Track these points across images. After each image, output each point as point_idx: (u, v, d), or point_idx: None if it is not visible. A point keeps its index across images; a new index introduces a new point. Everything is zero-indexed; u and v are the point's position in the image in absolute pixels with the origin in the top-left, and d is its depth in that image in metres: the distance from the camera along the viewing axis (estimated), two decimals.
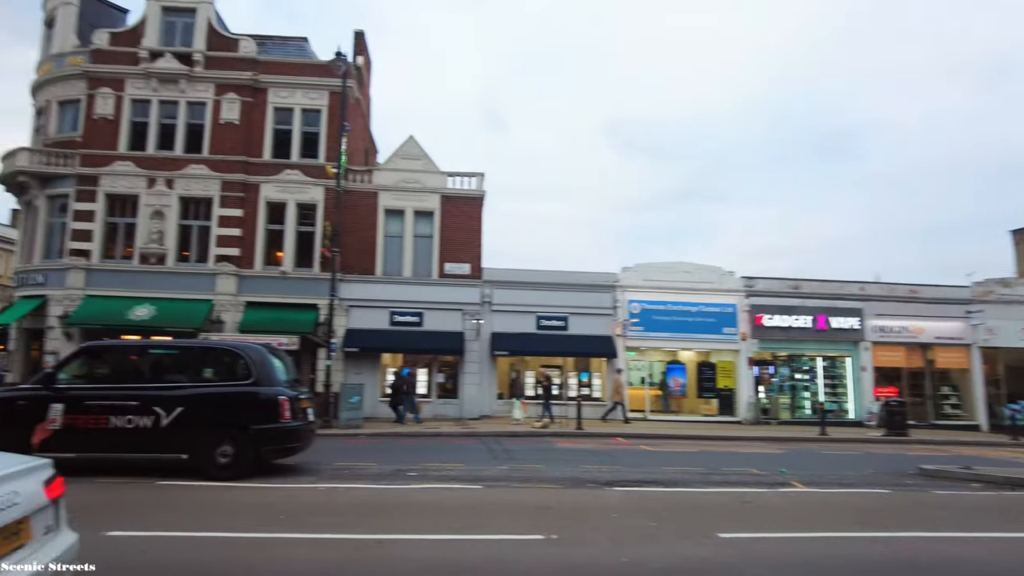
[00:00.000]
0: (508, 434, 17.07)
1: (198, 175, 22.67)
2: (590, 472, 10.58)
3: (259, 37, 25.98)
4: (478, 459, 12.14)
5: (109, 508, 6.90)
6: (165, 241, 22.24)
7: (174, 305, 21.38)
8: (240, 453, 8.88)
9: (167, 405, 8.85)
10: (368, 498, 8.05)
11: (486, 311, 22.83)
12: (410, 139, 24.43)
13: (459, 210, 23.40)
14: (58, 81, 23.61)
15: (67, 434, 8.66)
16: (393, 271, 22.92)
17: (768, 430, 20.42)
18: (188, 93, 23.20)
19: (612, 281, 23.85)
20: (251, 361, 9.38)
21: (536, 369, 23.51)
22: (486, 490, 8.74)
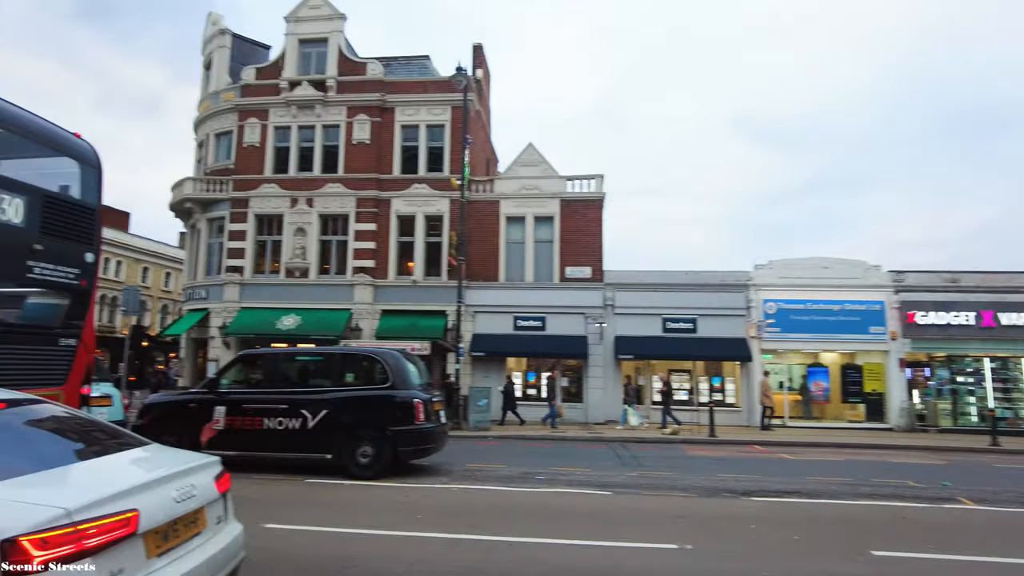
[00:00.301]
0: (636, 440, 16.72)
1: (335, 193, 24.27)
2: (725, 481, 10.12)
3: (384, 59, 27.43)
4: (606, 464, 11.99)
5: (265, 502, 7.51)
6: (307, 256, 24.01)
7: (317, 315, 23.01)
8: (379, 453, 9.37)
9: (313, 408, 9.53)
10: (499, 500, 8.19)
11: (609, 314, 22.56)
12: (529, 146, 24.73)
13: (579, 213, 23.33)
14: (215, 116, 26.27)
15: (228, 434, 9.57)
16: (515, 276, 23.26)
17: (925, 438, 18.51)
18: (323, 117, 24.94)
19: (744, 280, 22.71)
20: (388, 366, 9.88)
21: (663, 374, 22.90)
22: (615, 496, 8.60)
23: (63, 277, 7.32)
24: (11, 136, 7.20)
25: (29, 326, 7.21)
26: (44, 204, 7.15)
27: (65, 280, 7.35)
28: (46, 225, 7.12)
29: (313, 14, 25.73)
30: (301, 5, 25.89)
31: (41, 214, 7.07)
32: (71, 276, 7.43)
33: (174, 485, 3.31)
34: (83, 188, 8.03)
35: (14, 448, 3.33)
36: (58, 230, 7.28)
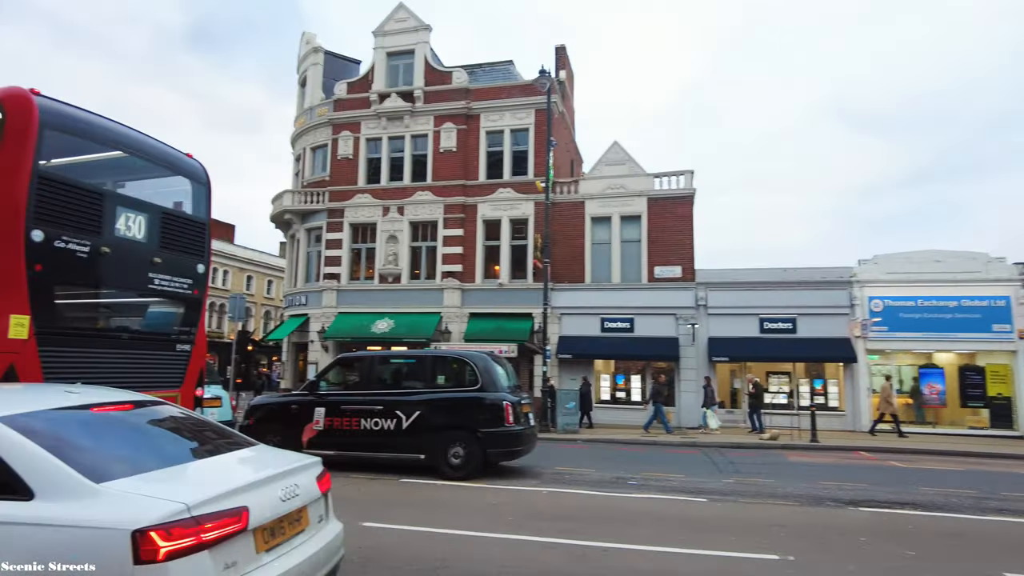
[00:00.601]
0: (732, 445, 16.12)
1: (424, 201, 24.91)
2: (828, 489, 9.57)
3: (469, 66, 27.91)
4: (700, 470, 11.63)
5: (363, 501, 7.79)
6: (399, 262, 24.76)
7: (409, 318, 23.68)
8: (469, 455, 9.52)
9: (406, 409, 9.80)
10: (589, 504, 8.10)
11: (701, 315, 21.89)
12: (614, 145, 24.43)
13: (667, 211, 22.78)
14: (310, 131, 27.61)
15: (327, 434, 10.00)
16: (602, 278, 23.01)
17: None
18: (411, 127, 25.66)
19: (847, 276, 21.40)
20: (477, 368, 10.03)
21: (760, 376, 22.00)
22: (710, 503, 8.32)
23: (178, 287, 7.89)
24: (135, 160, 7.85)
25: (150, 333, 7.83)
26: (162, 220, 7.74)
27: (180, 290, 7.92)
28: (163, 239, 7.70)
29: (399, 27, 26.55)
30: (388, 19, 26.79)
31: (159, 229, 7.67)
32: (185, 286, 8.00)
33: (279, 484, 3.47)
34: (194, 204, 8.64)
35: (141, 445, 3.62)
36: (173, 244, 7.86)
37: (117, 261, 7.07)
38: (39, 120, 6.43)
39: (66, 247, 6.50)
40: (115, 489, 2.92)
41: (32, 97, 6.50)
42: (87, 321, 7.13)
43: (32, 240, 6.17)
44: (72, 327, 6.74)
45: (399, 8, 26.79)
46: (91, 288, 7.04)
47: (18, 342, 6.00)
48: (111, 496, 2.88)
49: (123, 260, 7.16)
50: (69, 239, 6.53)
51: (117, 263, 7.08)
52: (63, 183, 6.59)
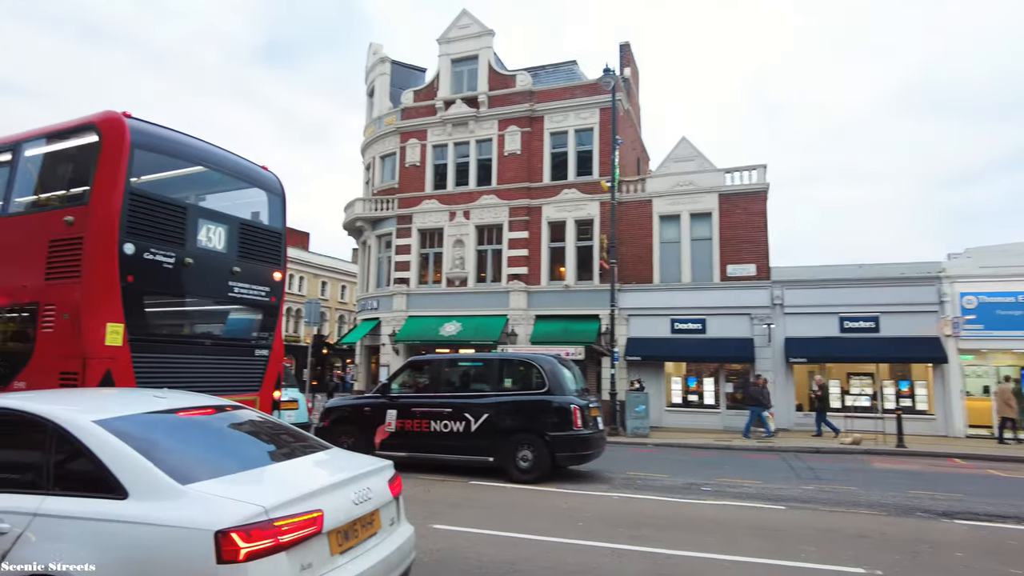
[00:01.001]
0: (811, 450, 15.45)
1: (489, 204, 25.10)
2: (919, 499, 9.02)
3: (532, 69, 27.97)
4: (778, 476, 11.19)
5: (433, 503, 7.89)
6: (465, 265, 25.04)
7: (475, 321, 23.91)
8: (538, 458, 9.50)
9: (475, 412, 9.88)
10: (662, 511, 7.93)
11: (777, 314, 21.09)
12: (682, 141, 23.92)
13: (739, 207, 22.07)
14: (379, 140, 28.31)
15: (399, 436, 10.21)
16: (671, 277, 22.52)
17: None
18: (476, 132, 25.91)
19: (935, 272, 20.12)
20: (544, 371, 10.00)
21: (841, 377, 21.02)
22: (789, 511, 7.99)
23: (256, 294, 8.24)
24: (215, 174, 8.27)
25: (230, 338, 8.20)
26: (240, 231, 8.11)
27: (258, 297, 8.26)
28: (242, 249, 8.07)
29: (463, 33, 26.87)
30: (451, 26, 27.15)
31: (238, 240, 8.04)
32: (263, 293, 8.35)
33: (352, 488, 3.56)
34: (270, 214, 9.01)
35: (222, 448, 3.79)
36: (252, 253, 8.22)
37: (199, 271, 7.45)
38: (130, 141, 6.86)
39: (154, 258, 6.90)
40: (198, 491, 3.06)
41: (124, 120, 6.94)
42: (173, 328, 7.53)
43: (124, 253, 6.58)
44: (160, 334, 7.13)
45: (462, 15, 27.13)
46: (176, 297, 7.43)
47: (114, 348, 6.41)
48: (195, 497, 3.02)
49: (205, 270, 7.54)
50: (157, 251, 6.93)
51: (199, 273, 7.46)
52: (151, 198, 7.01)
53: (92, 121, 7.03)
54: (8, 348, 7.07)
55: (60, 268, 6.68)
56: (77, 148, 7.22)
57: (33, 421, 3.49)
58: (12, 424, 3.62)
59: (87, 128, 7.07)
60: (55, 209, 7.11)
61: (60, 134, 7.49)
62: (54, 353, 6.50)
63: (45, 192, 7.61)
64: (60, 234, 6.73)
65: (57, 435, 3.36)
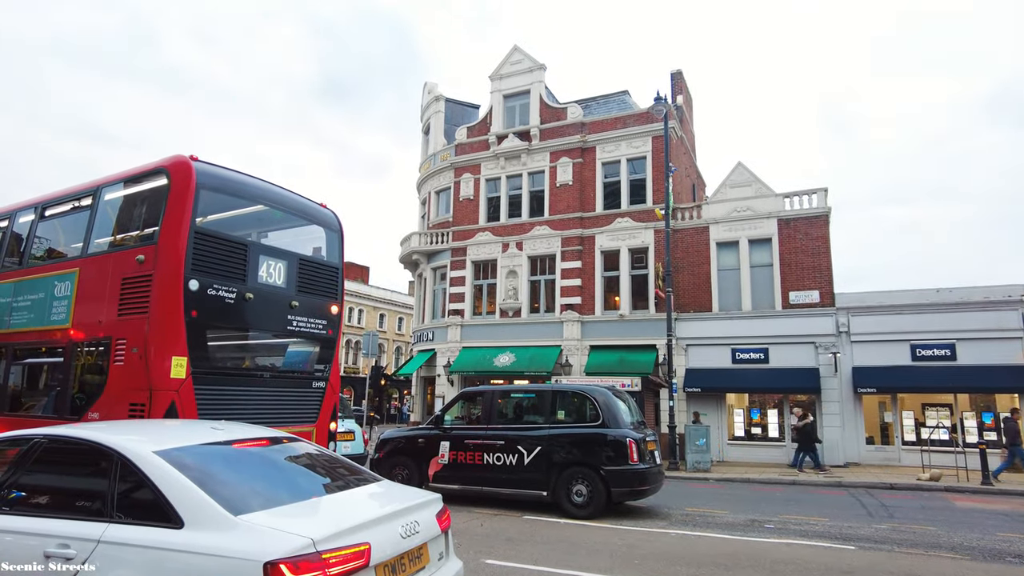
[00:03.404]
0: (884, 486, 14.60)
1: (542, 235, 25.20)
2: (1010, 541, 8.35)
3: (583, 100, 28.22)
4: (847, 514, 10.59)
5: (487, 537, 7.80)
6: (519, 296, 25.11)
7: (529, 352, 23.82)
8: (593, 493, 9.28)
9: (528, 444, 9.77)
10: (722, 549, 7.59)
11: (843, 342, 20.22)
12: (738, 166, 23.49)
13: (800, 232, 21.43)
14: (434, 175, 28.96)
15: (452, 468, 10.18)
16: (730, 306, 21.96)
17: None
18: (528, 165, 26.19)
19: (1018, 295, 18.96)
20: (597, 403, 9.84)
21: (915, 408, 19.88)
22: (860, 551, 7.52)
23: (314, 328, 8.45)
24: (276, 212, 8.61)
25: (288, 371, 8.42)
26: (299, 266, 8.38)
27: (315, 330, 8.48)
28: (300, 284, 8.33)
29: (515, 69, 27.39)
30: (503, 63, 27.73)
31: (297, 275, 8.30)
32: (320, 327, 8.56)
33: (400, 521, 3.55)
34: (328, 249, 9.29)
35: (274, 480, 3.85)
36: (310, 287, 8.47)
37: (259, 305, 7.71)
38: (196, 183, 7.23)
39: (217, 294, 7.18)
40: (250, 522, 3.12)
41: (191, 163, 7.33)
42: (233, 361, 7.79)
43: (189, 289, 6.89)
44: (221, 367, 7.38)
45: (514, 51, 27.69)
46: (237, 330, 7.70)
47: (178, 381, 6.67)
48: (246, 528, 3.07)
49: (265, 304, 7.80)
50: (219, 287, 7.22)
51: (259, 307, 7.72)
52: (215, 236, 7.33)
53: (162, 165, 7.46)
54: (85, 380, 7.46)
55: (131, 304, 7.04)
56: (149, 191, 7.64)
57: (100, 451, 3.64)
58: (82, 453, 3.80)
59: (158, 172, 7.49)
60: (128, 249, 7.52)
61: (134, 178, 7.96)
62: (124, 385, 6.81)
63: (120, 233, 8.06)
64: (132, 272, 7.11)
65: (121, 465, 3.49)
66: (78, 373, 7.54)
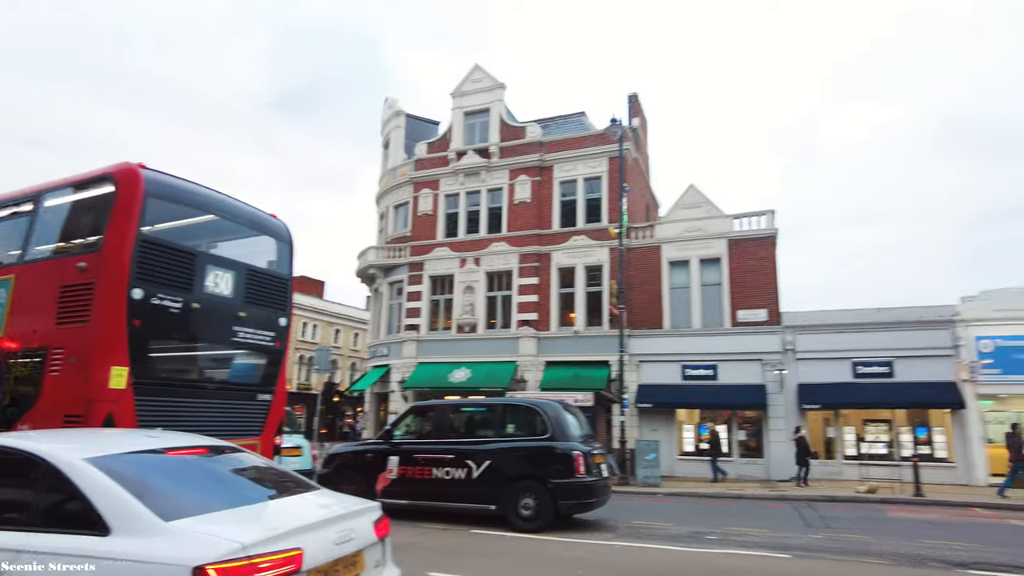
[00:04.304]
0: (825, 499, 15.08)
1: (500, 251, 25.39)
2: (935, 548, 8.75)
3: (542, 120, 28.67)
4: (787, 525, 10.92)
5: (432, 551, 7.79)
6: (475, 312, 25.17)
7: (485, 368, 23.86)
8: (540, 506, 9.35)
9: (476, 458, 9.80)
10: (664, 560, 7.75)
11: (789, 360, 20.85)
12: (690, 188, 24.18)
13: (749, 252, 22.12)
14: (393, 190, 28.94)
15: (401, 483, 10.12)
16: (681, 323, 22.45)
17: None
18: (487, 181, 26.43)
19: (950, 315, 19.87)
20: (547, 417, 9.94)
21: (857, 425, 20.60)
22: (795, 560, 7.78)
23: (261, 340, 8.38)
24: (226, 222, 8.53)
25: (233, 383, 8.30)
26: (247, 277, 8.30)
27: (263, 342, 8.40)
28: (248, 295, 8.25)
29: (475, 87, 27.70)
30: (464, 80, 28.02)
31: (245, 285, 8.22)
32: (268, 339, 8.49)
33: (334, 528, 3.58)
34: (278, 261, 9.23)
35: (208, 487, 3.83)
36: (258, 298, 8.40)
37: (206, 316, 7.62)
38: (144, 191, 7.15)
39: (161, 303, 7.08)
40: (181, 527, 3.12)
41: (139, 170, 7.24)
42: (177, 372, 7.65)
43: (132, 298, 6.78)
44: (163, 378, 7.26)
45: (475, 70, 28.02)
46: (182, 341, 7.58)
47: (117, 392, 6.54)
48: (176, 534, 3.07)
49: (211, 315, 7.71)
50: (164, 296, 7.12)
51: (206, 318, 7.63)
52: (161, 245, 7.24)
53: (108, 172, 7.35)
54: (17, 392, 7.22)
55: (70, 312, 6.88)
56: (94, 198, 7.51)
57: (28, 459, 3.58)
58: (8, 463, 3.72)
59: (104, 179, 7.38)
60: (68, 256, 7.36)
61: (79, 184, 7.81)
62: (60, 396, 6.64)
63: (62, 240, 7.89)
64: (72, 280, 6.96)
65: (48, 473, 3.44)
66: (11, 384, 7.30)
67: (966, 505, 14.32)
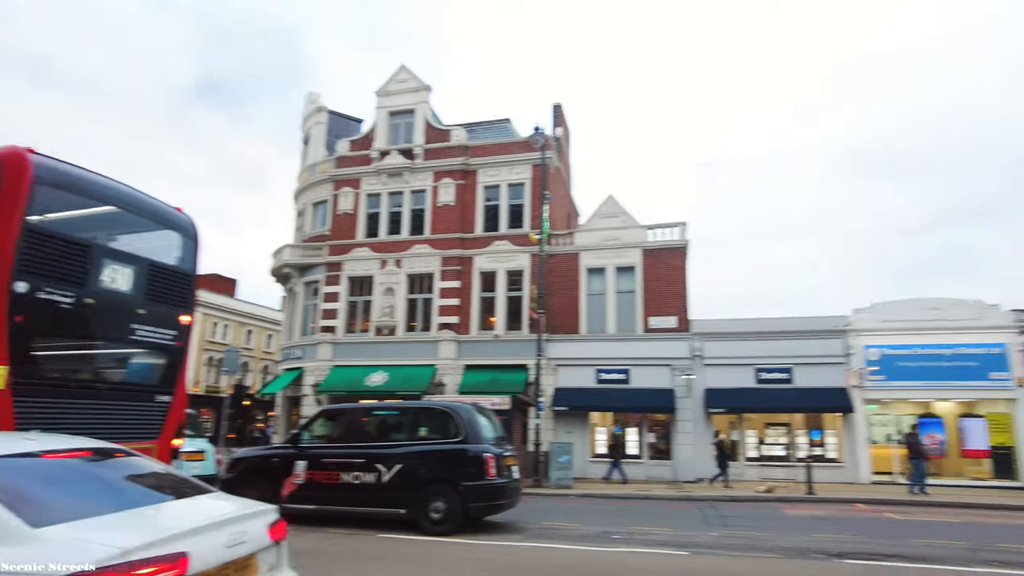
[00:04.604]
0: (727, 499, 15.85)
1: (421, 254, 25.25)
2: (819, 541, 9.38)
3: (468, 124, 28.72)
4: (689, 524, 11.41)
5: (337, 556, 7.67)
6: (395, 314, 24.91)
7: (404, 371, 23.65)
8: (450, 509, 9.36)
9: (387, 462, 9.71)
10: (570, 559, 7.95)
11: (697, 365, 21.80)
12: (608, 198, 24.86)
13: (662, 262, 22.99)
14: (312, 187, 28.23)
15: (308, 488, 9.88)
16: (597, 328, 23.04)
17: None
18: (411, 183, 26.23)
19: (842, 325, 21.38)
20: (460, 420, 9.97)
21: (759, 428, 21.75)
22: (693, 556, 8.16)
23: (161, 338, 8.00)
24: (127, 215, 8.09)
25: (129, 383, 7.89)
26: (148, 272, 7.91)
27: (163, 341, 8.03)
28: (149, 291, 7.86)
29: (401, 87, 27.47)
30: (390, 80, 27.74)
31: (145, 282, 7.83)
32: (168, 337, 8.12)
33: (225, 531, 3.49)
34: (182, 256, 8.83)
35: (88, 491, 3.66)
36: (159, 295, 8.01)
37: (101, 312, 7.21)
38: (32, 177, 6.69)
39: (50, 298, 6.65)
40: (52, 535, 2.96)
41: (27, 155, 6.77)
42: (68, 372, 7.21)
43: (15, 291, 6.33)
44: (50, 378, 6.81)
45: (401, 70, 27.78)
46: (73, 339, 7.15)
47: None
48: (47, 541, 2.92)
49: (107, 311, 7.31)
50: (53, 290, 6.68)
51: (101, 314, 7.22)
52: (50, 236, 6.80)
53: None
54: None
55: None
56: None
57: None
58: None
59: None
60: None
61: None
62: None
63: None
64: None
65: None
66: None
67: (851, 501, 15.40)
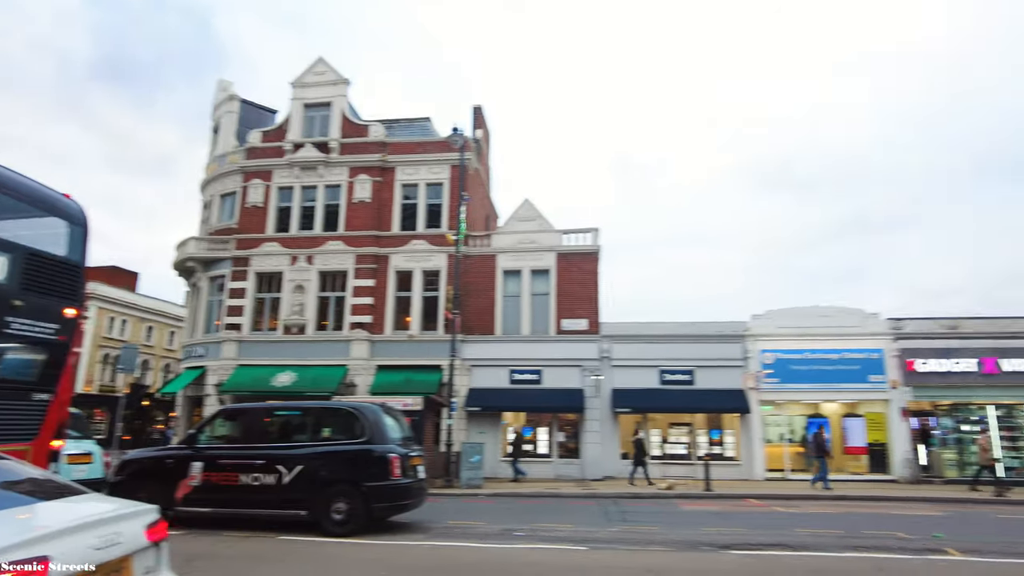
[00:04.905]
0: (630, 496, 16.42)
1: (335, 251, 24.70)
2: (709, 535, 9.91)
3: (387, 121, 28.35)
4: (591, 520, 11.77)
5: (231, 559, 7.44)
6: (305, 312, 24.25)
7: (313, 371, 23.06)
8: (353, 509, 9.25)
9: (288, 463, 9.48)
10: (471, 557, 8.05)
11: (606, 367, 22.46)
12: (525, 202, 25.20)
13: (575, 266, 23.54)
14: (220, 178, 27.05)
15: (204, 490, 9.51)
16: (512, 330, 23.30)
17: (930, 490, 18.03)
18: (326, 177, 25.62)
19: (741, 331, 22.62)
20: (365, 420, 9.86)
21: (663, 427, 22.64)
22: (590, 551, 8.44)
23: (41, 332, 7.48)
24: (5, 198, 7.51)
25: (4, 381, 7.33)
26: (26, 261, 7.38)
27: (43, 335, 7.51)
28: (28, 281, 7.33)
29: (318, 80, 26.79)
30: (307, 71, 27.00)
31: (23, 271, 7.30)
32: (50, 331, 7.60)
33: (94, 532, 3.35)
34: (70, 246, 8.29)
35: None
36: (40, 286, 7.49)
37: None
38: None
39: None
40: None
41: None
42: None
43: None
44: None
45: (318, 62, 27.11)
46: None
47: None
48: None
49: None
50: None
51: None
52: None
53: None
54: None
55: None
56: None
57: None
58: None
59: None
60: None
61: None
62: None
63: None
64: None
65: None
66: None
67: (744, 497, 16.31)
